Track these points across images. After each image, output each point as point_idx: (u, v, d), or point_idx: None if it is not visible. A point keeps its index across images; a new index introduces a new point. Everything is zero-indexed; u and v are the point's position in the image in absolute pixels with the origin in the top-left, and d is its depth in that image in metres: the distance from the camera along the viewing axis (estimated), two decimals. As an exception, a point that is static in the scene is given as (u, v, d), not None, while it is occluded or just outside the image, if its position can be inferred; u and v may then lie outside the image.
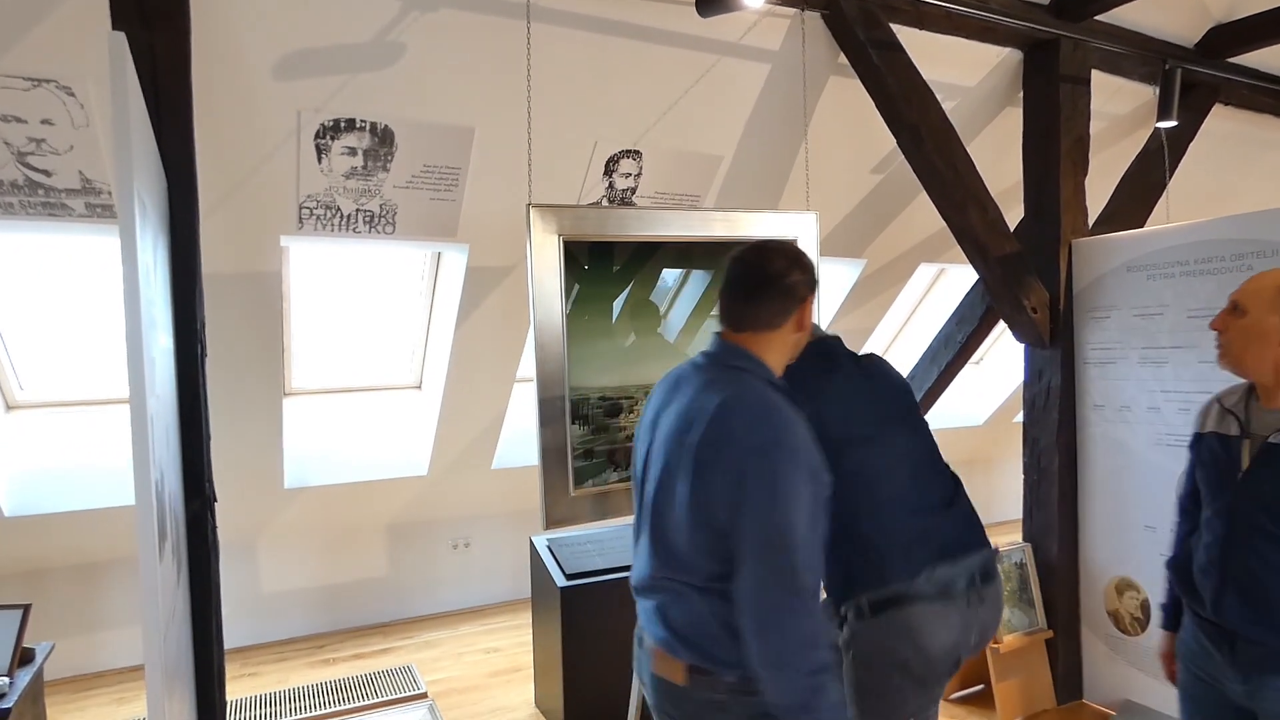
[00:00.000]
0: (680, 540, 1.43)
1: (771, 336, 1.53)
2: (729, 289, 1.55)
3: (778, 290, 1.51)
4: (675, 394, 1.54)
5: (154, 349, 1.29)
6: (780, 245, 1.57)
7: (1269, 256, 2.57)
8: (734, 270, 1.55)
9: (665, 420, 1.51)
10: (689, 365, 1.58)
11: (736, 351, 1.52)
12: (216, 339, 3.13)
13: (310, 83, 2.73)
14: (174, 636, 1.29)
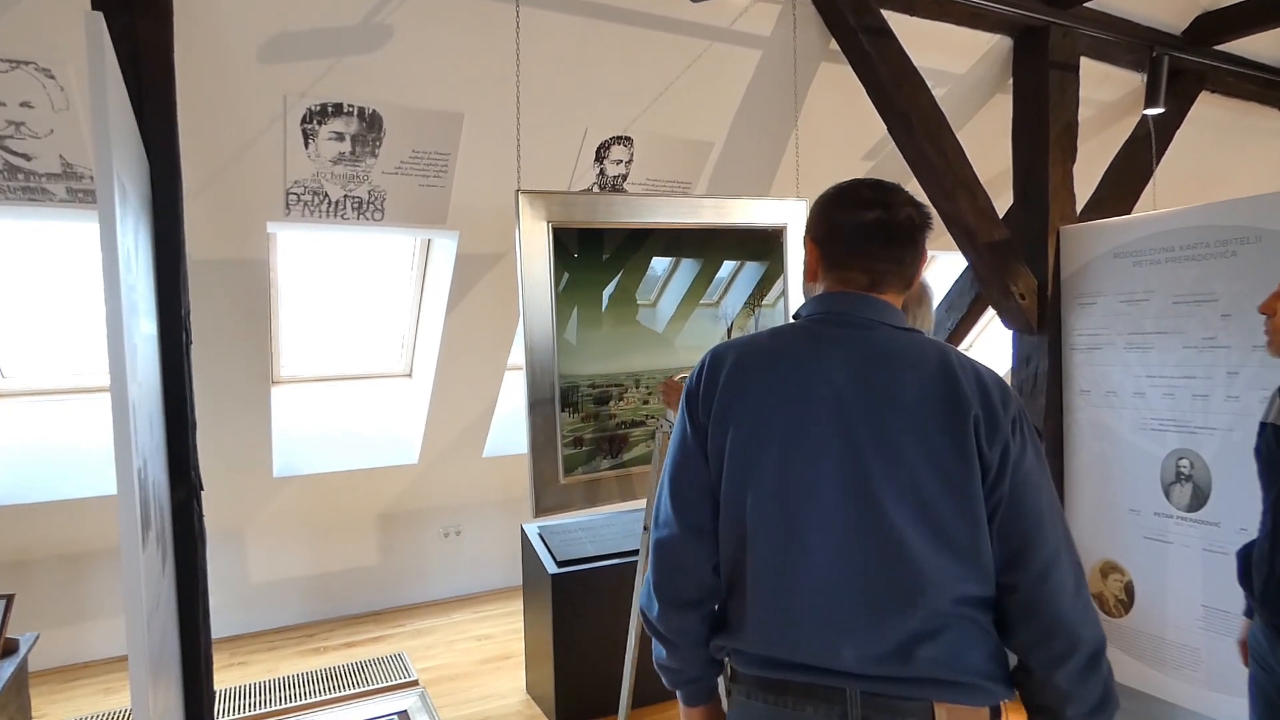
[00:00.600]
0: (957, 551, 1.09)
1: (900, 300, 1.26)
2: (873, 236, 1.21)
3: (922, 242, 1.25)
4: (817, 371, 1.17)
5: (136, 335, 1.27)
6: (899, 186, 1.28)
7: (1253, 243, 2.59)
8: (883, 215, 1.21)
9: (828, 404, 1.14)
10: (816, 334, 1.21)
11: (896, 313, 1.23)
12: (202, 326, 3.10)
13: (296, 66, 2.70)
14: (159, 626, 1.28)
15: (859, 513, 1.10)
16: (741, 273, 3.01)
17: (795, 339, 1.23)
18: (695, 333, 2.92)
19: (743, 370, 1.20)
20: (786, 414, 1.15)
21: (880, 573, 1.09)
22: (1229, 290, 2.65)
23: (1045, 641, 1.11)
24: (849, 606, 1.09)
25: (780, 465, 1.13)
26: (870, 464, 1.11)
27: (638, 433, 2.80)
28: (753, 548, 1.14)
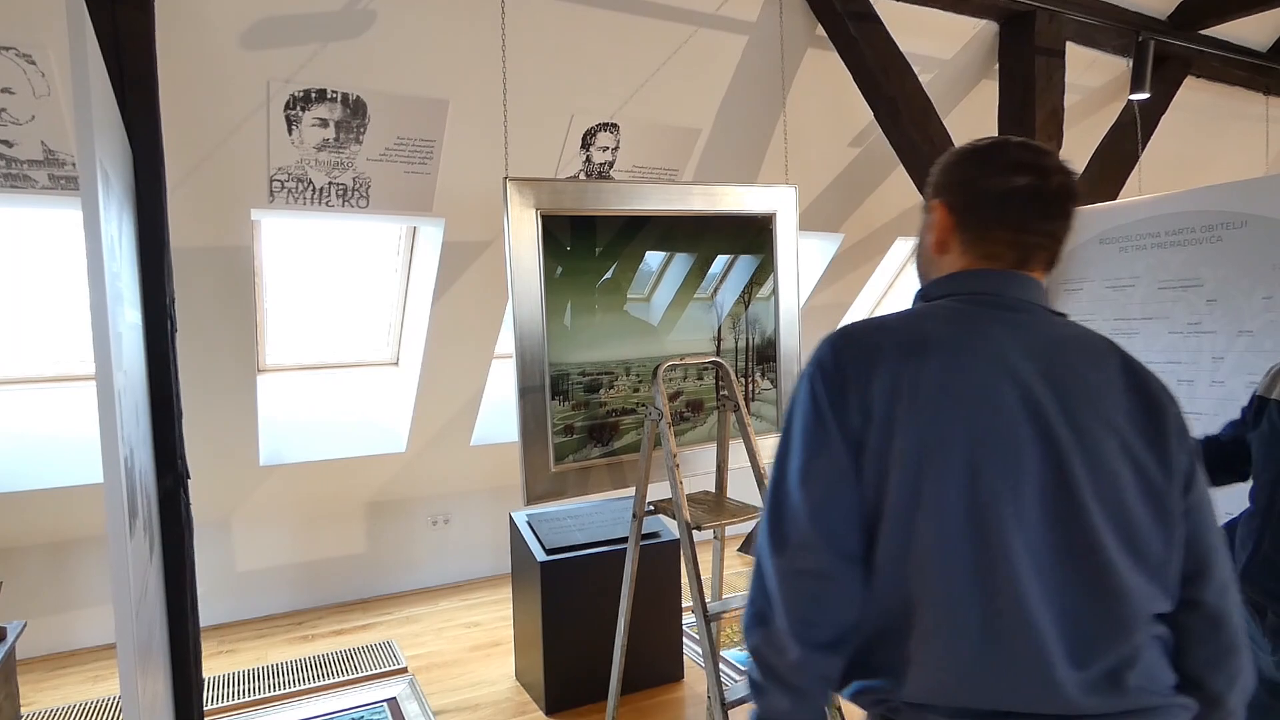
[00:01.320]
0: (1153, 570, 0.98)
1: (1046, 280, 1.09)
2: (1026, 205, 1.04)
3: (1074, 215, 1.07)
4: (985, 355, 1.00)
5: (121, 324, 1.26)
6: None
7: (1238, 228, 2.61)
8: (1036, 182, 1.04)
9: (1017, 401, 0.97)
10: (973, 316, 1.04)
11: (1046, 295, 1.08)
12: (187, 315, 3.08)
13: (279, 52, 2.67)
14: (147, 614, 1.28)
15: (1064, 529, 0.95)
16: (735, 266, 3.01)
17: (953, 323, 1.02)
18: (688, 323, 2.92)
19: (905, 360, 0.99)
20: (971, 414, 0.96)
21: (1088, 598, 0.94)
22: (1214, 275, 2.67)
23: (1227, 658, 1.02)
24: (1057, 637, 0.93)
25: (968, 476, 0.94)
26: (1075, 472, 0.95)
27: (628, 421, 2.81)
28: (933, 575, 0.94)
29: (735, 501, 2.69)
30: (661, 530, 3.31)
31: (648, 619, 3.16)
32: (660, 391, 2.49)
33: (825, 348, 1.03)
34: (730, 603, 2.44)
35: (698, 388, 2.91)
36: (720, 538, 2.83)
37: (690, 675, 3.33)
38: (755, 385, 3.05)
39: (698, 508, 2.59)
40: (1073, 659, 0.92)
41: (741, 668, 3.40)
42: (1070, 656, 0.92)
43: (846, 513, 0.98)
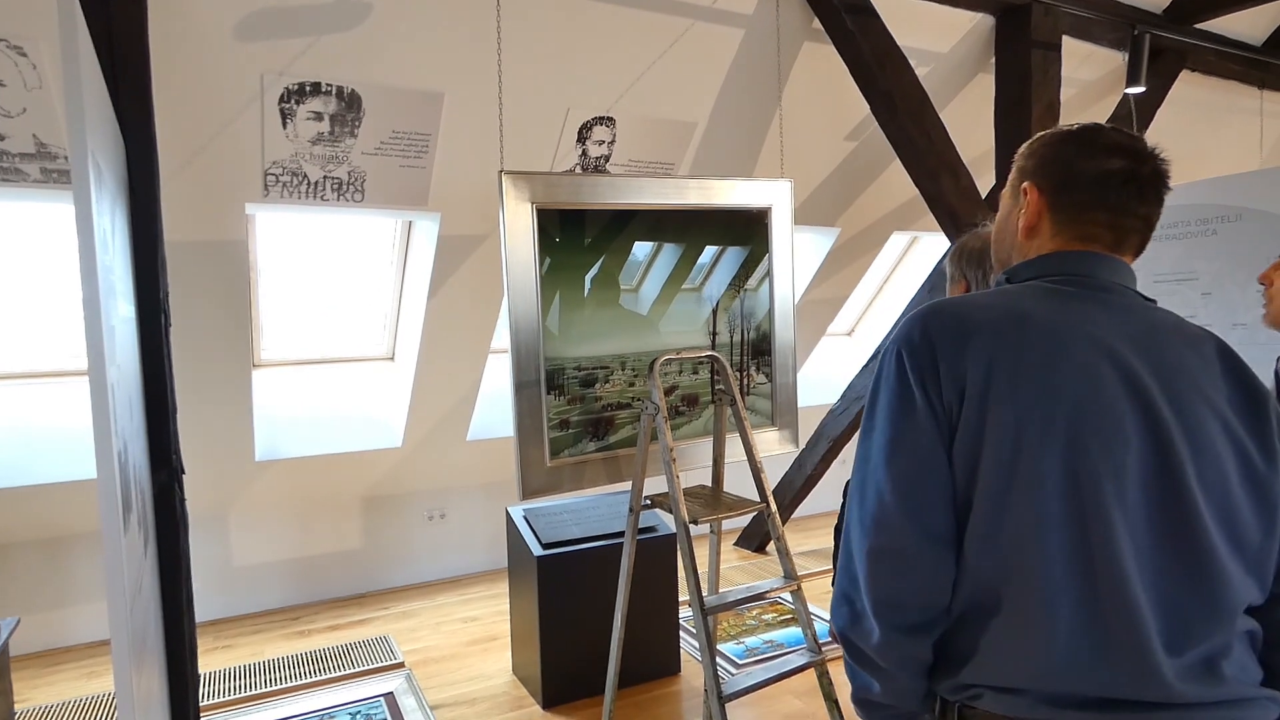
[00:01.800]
0: (1250, 557, 0.96)
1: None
2: (1123, 189, 1.03)
3: (1164, 201, 1.07)
4: (1097, 339, 0.97)
5: (114, 318, 1.25)
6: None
7: (1233, 221, 2.61)
8: (1132, 165, 1.03)
9: (1119, 380, 0.95)
10: (1068, 296, 1.02)
11: (1132, 274, 1.07)
12: (181, 309, 3.06)
13: (273, 44, 2.66)
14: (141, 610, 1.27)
15: (1166, 510, 0.92)
16: (724, 256, 3.01)
17: (1049, 302, 1.00)
18: (683, 318, 2.92)
19: (1002, 337, 0.96)
20: (1071, 391, 0.93)
21: (1190, 583, 0.92)
22: (1209, 269, 2.68)
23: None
24: (1156, 622, 0.90)
25: (1068, 453, 0.91)
26: (1179, 451, 0.92)
27: (624, 415, 2.80)
28: (1029, 555, 0.91)
29: (732, 495, 2.69)
30: (658, 524, 3.31)
31: (644, 613, 3.16)
32: (656, 385, 2.49)
33: (914, 323, 1.01)
34: (727, 597, 2.44)
35: (693, 382, 2.91)
36: (717, 532, 2.83)
37: (687, 669, 3.34)
38: (750, 379, 3.05)
39: (694, 502, 2.59)
40: (1170, 645, 0.90)
41: (738, 661, 3.41)
42: (1168, 642, 0.90)
43: (935, 492, 0.95)
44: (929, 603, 0.97)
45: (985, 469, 0.93)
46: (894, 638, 0.97)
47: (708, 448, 2.83)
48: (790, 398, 3.11)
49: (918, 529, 0.95)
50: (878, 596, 0.97)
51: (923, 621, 0.97)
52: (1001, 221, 1.15)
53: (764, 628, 3.74)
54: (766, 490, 2.57)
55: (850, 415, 4.20)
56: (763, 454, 2.66)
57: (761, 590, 2.46)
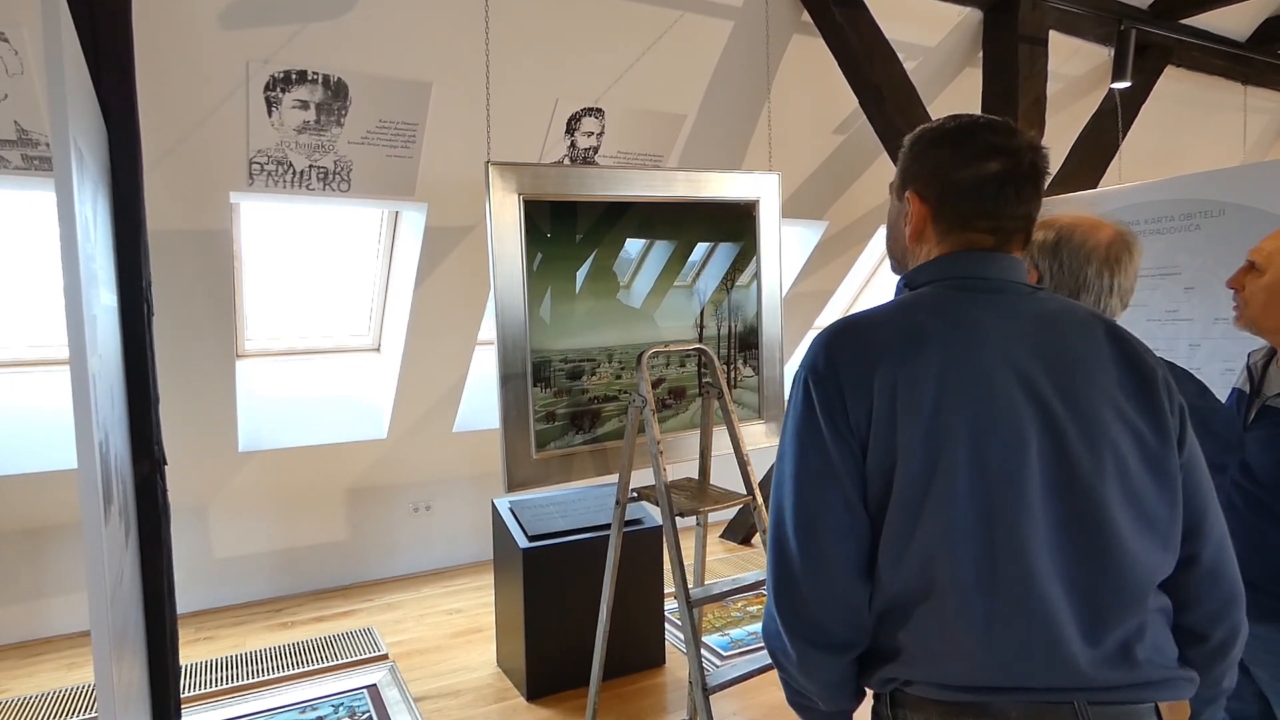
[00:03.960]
0: (1159, 533, 1.00)
1: (1023, 255, 1.12)
2: (1000, 191, 1.05)
3: (1043, 189, 1.09)
4: (986, 337, 1.01)
5: (95, 307, 1.24)
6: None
7: (1216, 216, 2.63)
8: (1008, 165, 1.05)
9: (1013, 382, 0.98)
10: (960, 301, 1.04)
11: (1025, 272, 1.10)
12: (165, 299, 3.04)
13: (259, 32, 2.63)
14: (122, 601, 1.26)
15: (1070, 504, 0.96)
16: (716, 253, 3.01)
17: (943, 311, 1.02)
18: (669, 310, 2.92)
19: (901, 355, 0.99)
20: (970, 399, 0.96)
21: (1098, 570, 0.96)
22: (1192, 264, 2.70)
23: (1228, 611, 1.04)
24: (1069, 613, 0.94)
25: (972, 460, 0.95)
26: (1075, 445, 0.96)
27: (611, 408, 2.80)
28: (942, 566, 0.95)
29: (718, 488, 2.70)
30: (644, 517, 3.32)
31: (630, 605, 3.17)
32: (644, 378, 2.49)
33: (819, 349, 1.03)
34: (713, 589, 2.45)
35: (680, 375, 2.91)
36: (703, 524, 2.84)
37: (672, 661, 3.35)
38: (737, 372, 3.06)
39: (681, 494, 2.60)
40: (1085, 633, 0.94)
41: (723, 653, 3.42)
42: (1083, 630, 0.94)
43: (840, 520, 0.99)
44: (852, 621, 1.00)
45: (897, 485, 0.96)
46: (819, 657, 1.00)
47: (695, 440, 2.83)
48: (777, 391, 3.12)
49: (837, 553, 0.98)
50: (794, 622, 1.00)
51: (847, 641, 1.00)
52: (892, 220, 1.17)
53: (749, 620, 3.76)
54: (753, 483, 2.57)
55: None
56: (749, 447, 2.66)
57: (747, 582, 2.47)
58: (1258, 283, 1.59)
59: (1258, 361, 1.69)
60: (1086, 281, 1.40)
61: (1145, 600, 0.97)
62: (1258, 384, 1.65)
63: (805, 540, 0.99)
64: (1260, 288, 1.58)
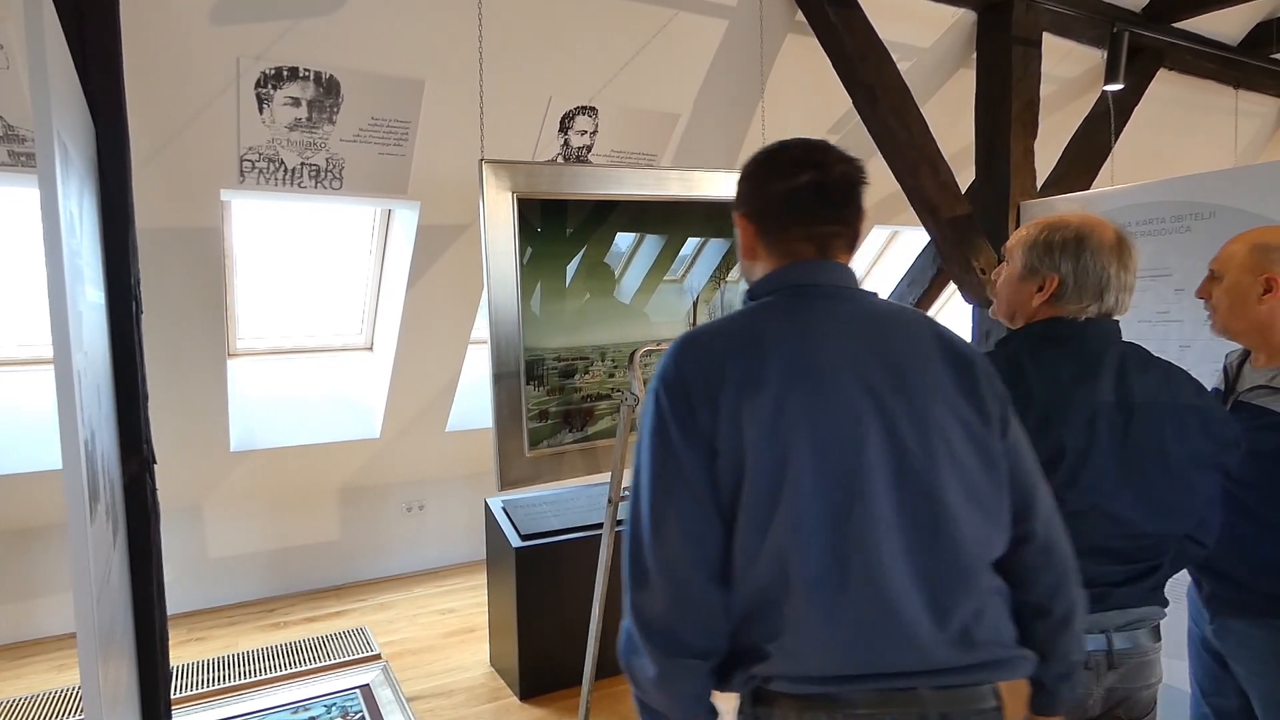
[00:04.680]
0: (989, 513, 1.06)
1: (850, 262, 1.18)
2: (811, 200, 1.11)
3: (861, 198, 1.17)
4: (826, 345, 1.06)
5: (81, 304, 1.23)
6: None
7: (1206, 218, 2.64)
8: (817, 176, 1.11)
9: (849, 383, 1.04)
10: (796, 309, 1.10)
11: (855, 276, 1.17)
12: (156, 297, 3.01)
13: (250, 28, 2.61)
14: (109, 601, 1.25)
15: (908, 496, 1.01)
16: (706, 248, 3.00)
17: (783, 318, 1.08)
18: (661, 306, 2.91)
19: (747, 363, 1.03)
20: (811, 399, 1.01)
21: (937, 559, 1.01)
22: (1182, 265, 2.70)
23: (1064, 584, 1.11)
24: (913, 602, 0.99)
25: (816, 457, 0.99)
26: (909, 437, 1.02)
27: (603, 406, 2.79)
28: (796, 559, 0.99)
29: (711, 488, 2.69)
30: (637, 516, 3.31)
31: (622, 604, 3.16)
32: (636, 376, 2.48)
33: (669, 360, 1.07)
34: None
35: (674, 374, 2.90)
36: (695, 524, 2.83)
37: (665, 660, 3.34)
38: (731, 372, 3.05)
39: (673, 494, 2.59)
40: (932, 616, 0.99)
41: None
42: (929, 614, 0.99)
43: (705, 523, 1.01)
44: (711, 630, 1.02)
45: (747, 485, 1.00)
46: (673, 668, 1.01)
47: (687, 440, 2.82)
48: (770, 390, 3.11)
49: (694, 565, 1.01)
50: (650, 634, 1.02)
51: (706, 650, 1.02)
52: (738, 239, 1.21)
53: (742, 619, 3.75)
54: (745, 482, 2.57)
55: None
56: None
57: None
58: (1219, 289, 1.63)
59: (1233, 361, 1.73)
60: (1109, 279, 1.39)
61: (981, 580, 1.03)
62: (1232, 382, 1.69)
63: (662, 549, 1.01)
64: (1222, 292, 1.63)
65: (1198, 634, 1.77)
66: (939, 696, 0.99)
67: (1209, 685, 1.75)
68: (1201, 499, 1.42)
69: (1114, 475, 1.34)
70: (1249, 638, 1.61)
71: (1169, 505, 1.38)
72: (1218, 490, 1.46)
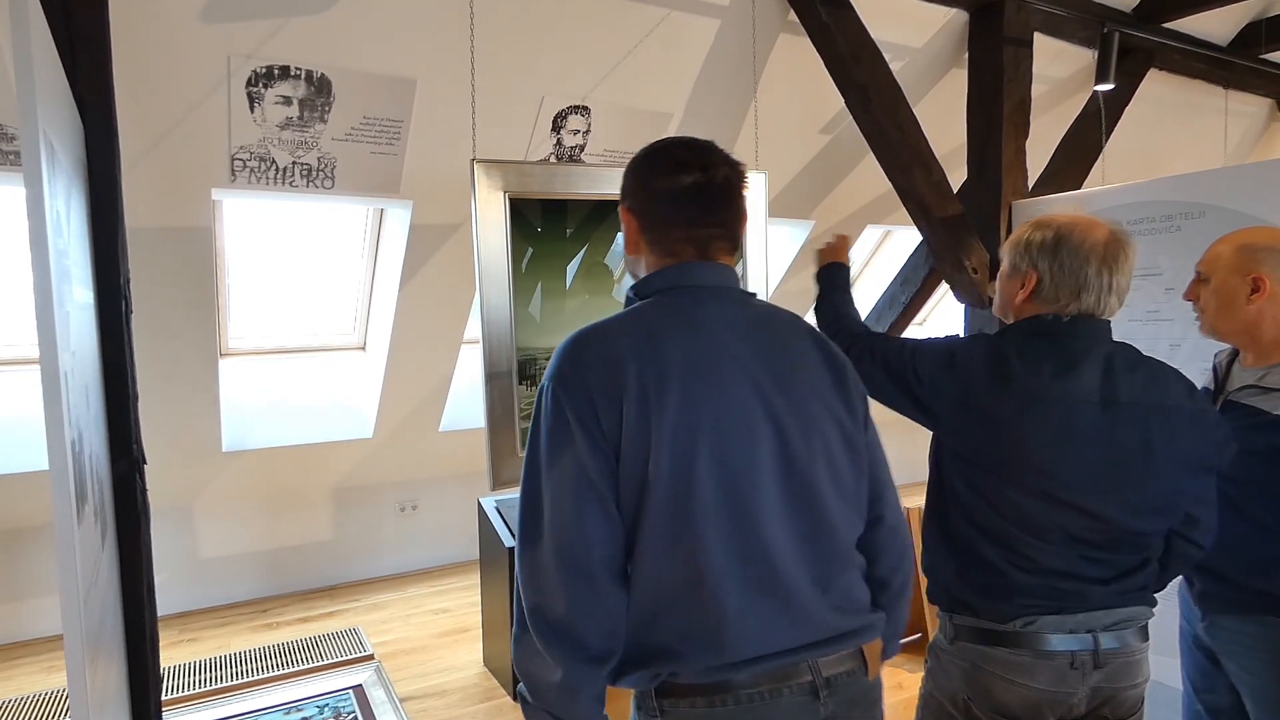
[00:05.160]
0: (852, 499, 1.17)
1: (734, 263, 1.23)
2: (693, 202, 1.14)
3: (742, 202, 1.21)
4: (736, 348, 1.11)
5: (69, 303, 1.22)
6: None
7: (1196, 218, 2.65)
8: (700, 179, 1.14)
9: (741, 382, 1.08)
10: (684, 310, 1.13)
11: (738, 277, 1.22)
12: (146, 297, 3.00)
13: (241, 26, 2.60)
14: (97, 602, 1.24)
15: (793, 488, 1.08)
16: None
17: (673, 315, 1.11)
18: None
19: (643, 361, 1.05)
20: (708, 398, 1.05)
21: (819, 542, 1.10)
22: (1173, 265, 2.71)
23: (904, 559, 1.24)
24: (804, 581, 1.08)
25: (714, 454, 1.04)
26: (793, 435, 1.09)
27: (595, 405, 2.79)
28: (705, 554, 1.03)
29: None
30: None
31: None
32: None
33: (564, 358, 1.08)
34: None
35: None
36: (688, 523, 2.84)
37: (658, 660, 3.34)
38: (724, 371, 3.06)
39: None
40: (819, 591, 1.09)
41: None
42: (817, 588, 1.09)
43: (608, 524, 1.03)
44: (601, 634, 1.03)
45: (652, 483, 1.02)
46: (576, 672, 1.02)
47: (680, 439, 2.83)
48: (763, 390, 3.12)
49: (582, 569, 1.02)
50: (552, 640, 1.02)
51: (600, 653, 1.04)
52: (623, 231, 1.24)
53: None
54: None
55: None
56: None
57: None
58: (1207, 290, 1.64)
59: (1222, 361, 1.74)
60: (1087, 280, 1.40)
61: (851, 560, 1.15)
62: (1221, 381, 1.70)
63: (564, 555, 1.02)
64: (1210, 294, 1.64)
65: (1189, 631, 1.78)
66: (823, 664, 1.09)
67: (1201, 682, 1.76)
68: (1187, 499, 1.42)
69: (1096, 471, 1.35)
70: (1239, 634, 1.62)
71: (1152, 504, 1.39)
72: (1212, 492, 1.47)
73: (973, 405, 1.39)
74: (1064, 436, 1.35)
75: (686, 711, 1.05)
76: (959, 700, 1.44)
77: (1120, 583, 1.40)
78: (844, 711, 1.10)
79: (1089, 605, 1.38)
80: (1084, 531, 1.37)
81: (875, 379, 1.51)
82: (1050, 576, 1.38)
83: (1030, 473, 1.36)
